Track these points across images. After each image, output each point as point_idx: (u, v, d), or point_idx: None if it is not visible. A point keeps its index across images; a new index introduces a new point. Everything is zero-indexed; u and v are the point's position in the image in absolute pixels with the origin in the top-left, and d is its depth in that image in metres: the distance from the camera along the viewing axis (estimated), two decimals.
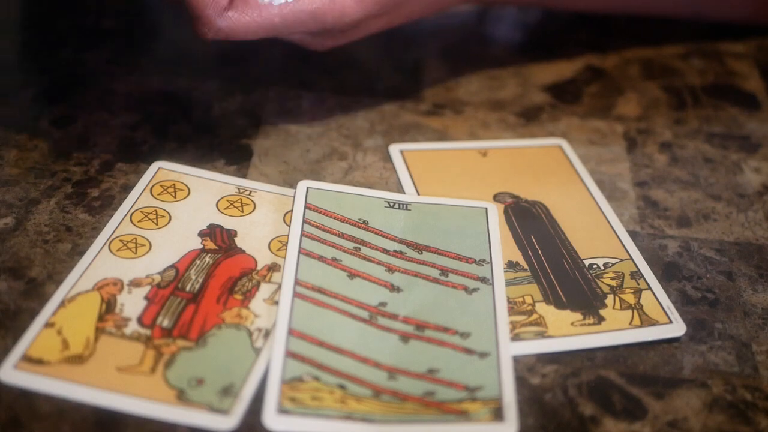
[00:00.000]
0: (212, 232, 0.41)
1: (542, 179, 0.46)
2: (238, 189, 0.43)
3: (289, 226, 0.41)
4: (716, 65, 0.57)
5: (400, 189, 0.45)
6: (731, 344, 0.38)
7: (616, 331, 0.38)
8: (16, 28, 0.55)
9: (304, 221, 0.41)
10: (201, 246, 0.40)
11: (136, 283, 0.38)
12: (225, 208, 0.42)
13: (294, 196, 0.43)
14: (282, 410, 0.33)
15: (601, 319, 0.38)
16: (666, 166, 0.48)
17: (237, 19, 0.41)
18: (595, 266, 0.41)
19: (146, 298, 0.37)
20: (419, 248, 0.41)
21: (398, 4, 0.44)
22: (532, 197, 0.45)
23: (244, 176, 0.44)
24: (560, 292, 0.39)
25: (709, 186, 0.47)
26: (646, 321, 0.38)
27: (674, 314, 0.39)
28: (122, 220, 0.41)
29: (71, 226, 0.41)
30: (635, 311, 0.39)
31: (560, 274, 0.40)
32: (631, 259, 0.41)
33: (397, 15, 0.46)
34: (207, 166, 0.45)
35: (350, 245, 0.40)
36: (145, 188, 0.43)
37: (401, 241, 0.41)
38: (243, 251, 0.40)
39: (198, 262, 0.39)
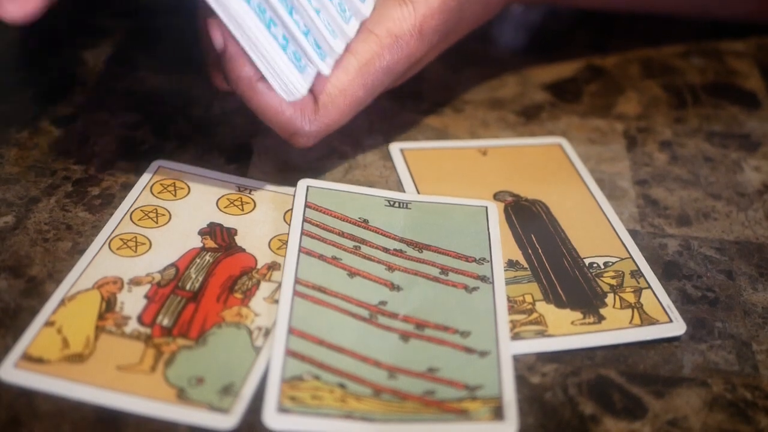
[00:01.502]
0: (212, 230, 0.41)
1: (542, 178, 0.46)
2: (238, 187, 0.43)
3: (289, 224, 0.41)
4: (716, 64, 0.57)
5: (400, 188, 0.45)
6: (731, 343, 0.38)
7: (616, 330, 0.38)
8: (16, 27, 0.55)
9: (305, 220, 0.41)
10: (201, 244, 0.40)
11: (136, 282, 0.38)
12: (225, 207, 0.42)
13: (294, 195, 0.43)
14: (282, 409, 0.33)
15: (601, 318, 0.38)
16: (666, 165, 0.48)
17: (328, 115, 0.41)
18: (595, 265, 0.41)
19: (146, 296, 0.37)
20: (419, 247, 0.41)
21: (453, 30, 0.45)
22: (532, 196, 0.44)
23: (244, 175, 0.44)
24: (560, 291, 0.39)
25: (709, 185, 0.47)
26: (646, 320, 0.38)
27: (674, 313, 0.39)
28: (122, 218, 0.41)
29: (71, 225, 0.41)
30: (635, 310, 0.39)
31: (560, 273, 0.40)
32: (631, 258, 0.41)
33: (451, 38, 0.46)
34: (207, 164, 0.45)
35: (350, 244, 0.40)
36: (145, 187, 0.43)
37: (401, 240, 0.41)
38: (243, 250, 0.40)
39: (198, 260, 0.39)
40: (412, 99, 0.51)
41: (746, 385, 0.37)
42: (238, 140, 0.47)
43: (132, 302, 0.37)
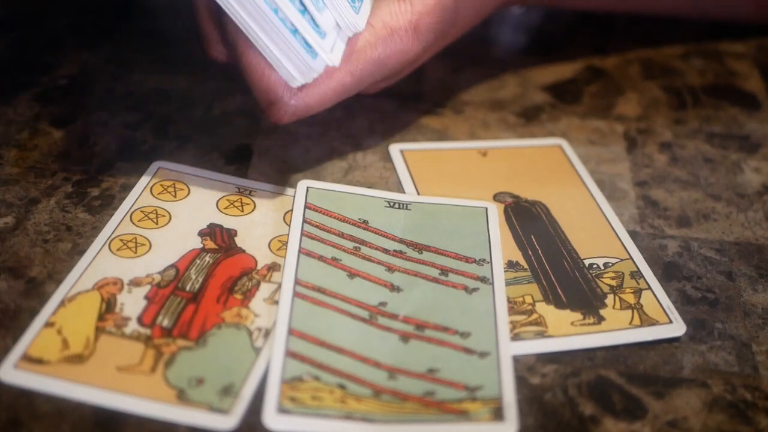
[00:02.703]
0: (212, 231, 0.41)
1: (542, 179, 0.46)
2: (238, 188, 0.43)
3: (289, 225, 0.41)
4: (716, 65, 0.57)
5: (400, 189, 0.45)
6: (731, 344, 0.38)
7: (616, 330, 0.38)
8: (16, 27, 0.55)
9: (304, 221, 0.41)
10: (201, 245, 0.40)
11: (136, 283, 0.38)
12: (225, 208, 0.42)
13: (294, 196, 0.43)
14: (282, 410, 0.33)
15: (601, 319, 0.38)
16: (666, 166, 0.48)
17: (311, 94, 0.40)
18: (595, 266, 0.41)
19: (146, 297, 0.37)
20: (419, 248, 0.41)
21: (448, 30, 0.45)
22: (532, 197, 0.45)
23: (244, 176, 0.44)
24: (560, 292, 0.39)
25: (709, 186, 0.47)
26: (646, 321, 0.38)
27: (674, 314, 0.39)
28: (122, 219, 0.41)
29: (71, 226, 0.41)
30: (635, 311, 0.39)
31: (560, 273, 0.40)
32: (631, 258, 0.41)
33: (447, 39, 0.46)
34: (207, 165, 0.45)
35: (350, 245, 0.40)
36: (145, 188, 0.43)
37: (401, 241, 0.41)
38: (243, 251, 0.40)
39: (198, 261, 0.39)
40: (413, 100, 0.51)
41: (746, 386, 0.36)
42: (238, 141, 0.47)
43: (132, 303, 0.37)
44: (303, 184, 0.43)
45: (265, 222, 0.42)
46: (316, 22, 0.39)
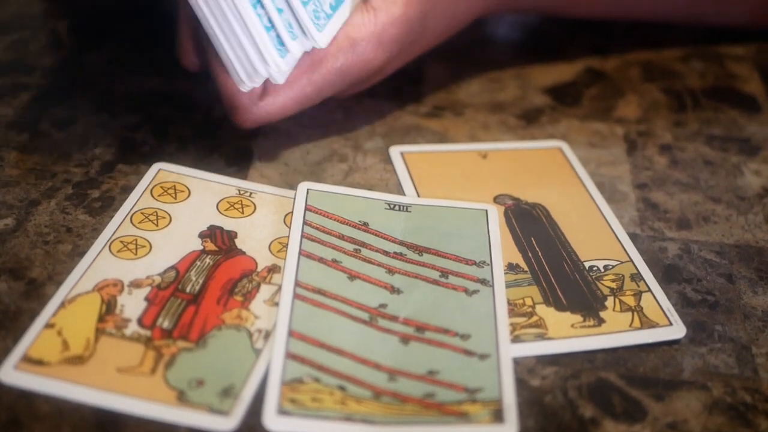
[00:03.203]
0: (212, 233, 0.41)
1: (542, 181, 0.46)
2: (239, 190, 0.43)
3: (290, 227, 0.41)
4: (716, 68, 0.57)
5: (400, 191, 0.45)
6: (731, 346, 0.38)
7: (616, 333, 0.38)
8: (16, 28, 0.55)
9: (305, 223, 0.41)
10: (201, 247, 0.40)
11: (136, 284, 0.38)
12: (225, 210, 0.42)
13: (294, 198, 0.43)
14: (282, 411, 0.33)
15: (601, 321, 0.38)
16: (666, 169, 0.48)
17: (272, 103, 0.42)
18: (595, 268, 0.41)
19: (146, 299, 0.37)
20: (419, 250, 0.41)
21: (415, 40, 0.45)
22: (532, 199, 0.45)
23: (245, 178, 0.44)
24: (560, 294, 0.39)
25: (709, 188, 0.47)
26: (646, 323, 0.38)
27: (674, 316, 0.39)
28: (123, 221, 0.41)
29: (71, 227, 0.41)
30: (635, 313, 0.39)
31: (560, 276, 0.40)
32: (631, 261, 0.41)
33: (414, 50, 0.46)
34: (207, 167, 0.45)
35: (350, 247, 0.40)
36: (145, 189, 0.43)
37: (401, 243, 0.41)
38: (243, 253, 0.40)
39: (198, 263, 0.39)
40: (413, 102, 0.51)
41: (746, 389, 0.36)
42: (239, 143, 0.47)
43: (132, 304, 0.37)
44: (303, 186, 0.43)
45: (265, 224, 0.42)
46: (279, 34, 0.40)
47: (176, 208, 0.42)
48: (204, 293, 0.38)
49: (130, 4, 0.58)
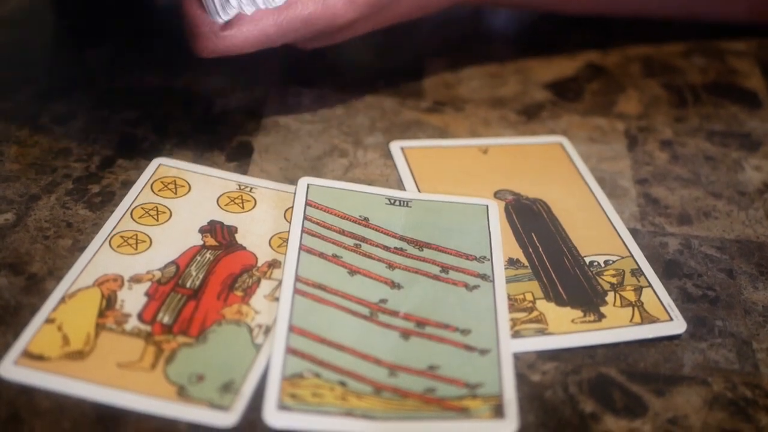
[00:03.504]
0: (213, 228, 0.41)
1: (543, 177, 0.46)
2: (239, 185, 0.43)
3: (290, 222, 0.41)
4: (717, 63, 0.57)
5: (400, 186, 0.45)
6: (732, 342, 0.38)
7: (616, 328, 0.38)
8: (17, 24, 0.55)
9: (305, 218, 0.41)
10: (201, 242, 0.40)
11: (136, 279, 0.38)
12: (226, 205, 0.42)
13: (295, 193, 0.43)
14: (282, 406, 0.33)
15: (601, 317, 0.38)
16: (667, 164, 0.48)
17: (233, 35, 0.41)
18: (595, 263, 0.41)
19: (147, 294, 0.37)
20: (420, 245, 0.41)
21: (387, 5, 0.45)
22: (532, 194, 0.44)
23: (245, 173, 0.44)
24: (561, 290, 0.39)
25: (709, 184, 0.47)
26: (647, 318, 0.38)
27: (675, 312, 0.39)
28: (123, 216, 0.41)
29: (72, 222, 0.41)
30: (636, 308, 0.39)
31: (561, 271, 0.40)
32: (632, 256, 0.41)
33: (386, 16, 0.46)
34: (208, 162, 0.45)
35: (351, 242, 0.40)
36: (145, 184, 0.43)
37: (402, 238, 0.41)
38: (243, 248, 0.40)
39: (198, 258, 0.39)
40: (413, 97, 0.51)
41: (746, 384, 0.36)
42: (239, 138, 0.47)
43: (132, 300, 0.37)
44: (304, 181, 0.43)
45: (265, 219, 0.42)
46: None
47: (176, 203, 0.42)
48: (204, 288, 0.38)
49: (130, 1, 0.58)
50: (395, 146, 0.47)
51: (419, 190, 0.44)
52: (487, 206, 0.43)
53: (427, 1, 0.48)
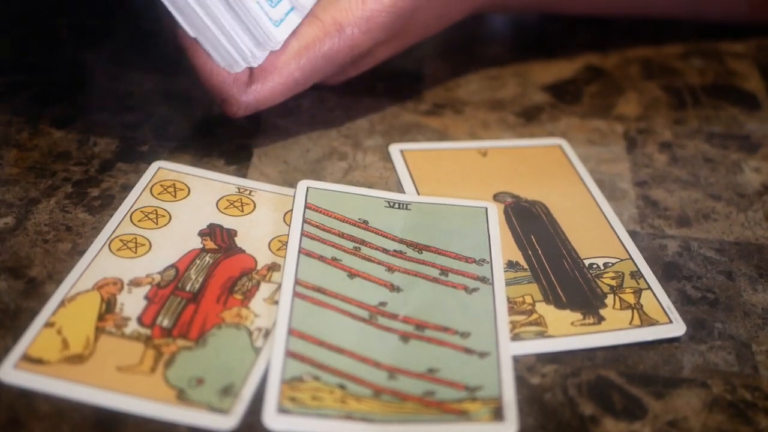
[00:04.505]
0: (212, 231, 0.41)
1: (542, 179, 0.46)
2: (238, 189, 0.43)
3: (289, 225, 0.41)
4: (716, 65, 0.57)
5: (400, 189, 0.45)
6: (731, 344, 0.38)
7: (616, 330, 0.38)
8: (16, 27, 0.55)
9: (304, 221, 0.41)
10: (201, 245, 0.40)
11: (136, 283, 0.38)
12: (225, 208, 0.42)
13: (294, 196, 0.43)
14: (282, 410, 0.33)
15: (601, 319, 0.38)
16: (666, 166, 0.48)
17: (261, 89, 0.42)
18: (595, 266, 0.41)
19: (146, 297, 0.37)
20: (419, 248, 0.41)
21: (403, 30, 0.45)
22: (532, 197, 0.45)
23: (244, 176, 0.44)
24: (560, 292, 0.39)
25: (709, 186, 0.47)
26: (646, 321, 0.38)
27: (674, 314, 0.39)
28: (122, 219, 0.41)
29: (71, 226, 0.41)
30: (635, 311, 0.39)
31: (560, 273, 0.40)
32: (631, 258, 0.41)
33: (404, 39, 0.47)
34: (207, 165, 0.45)
35: (350, 245, 0.40)
36: (145, 188, 0.43)
37: (401, 241, 0.41)
38: (243, 251, 0.40)
39: (198, 261, 0.39)
40: (412, 100, 0.51)
41: (746, 386, 0.36)
42: (238, 141, 0.47)
43: (132, 303, 0.37)
44: (303, 184, 0.43)
45: (265, 222, 0.42)
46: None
47: (176, 206, 0.42)
48: (204, 292, 0.38)
49: (129, 2, 0.58)
50: (394, 149, 0.47)
51: (418, 193, 0.44)
52: (487, 209, 0.43)
53: (440, 20, 0.48)
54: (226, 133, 0.47)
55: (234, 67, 0.41)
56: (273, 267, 0.39)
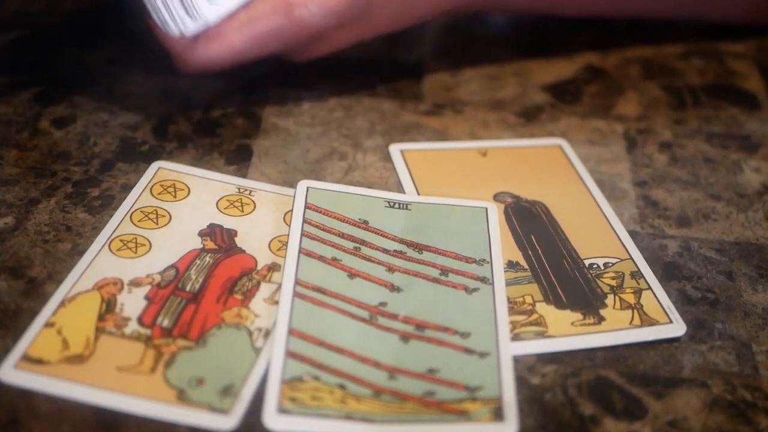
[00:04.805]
0: (212, 231, 0.41)
1: (542, 179, 0.46)
2: (239, 189, 0.43)
3: (289, 225, 0.41)
4: (716, 65, 0.57)
5: (400, 189, 0.45)
6: (731, 344, 0.38)
7: (616, 330, 0.38)
8: (16, 27, 0.55)
9: (304, 221, 0.41)
10: (201, 246, 0.40)
11: (136, 283, 0.38)
12: (225, 208, 0.42)
13: (294, 196, 0.43)
14: (282, 410, 0.33)
15: (601, 319, 0.38)
16: (666, 166, 0.48)
17: (204, 51, 0.44)
18: (595, 266, 0.41)
19: (146, 297, 0.37)
20: (419, 248, 0.41)
21: (362, 16, 0.45)
22: (532, 197, 0.45)
23: (245, 176, 0.44)
24: (560, 292, 0.39)
25: (709, 186, 0.47)
26: (646, 321, 0.38)
27: (674, 314, 0.39)
28: (122, 219, 0.41)
29: (71, 226, 0.41)
30: (635, 311, 0.39)
31: (560, 273, 0.40)
32: (631, 258, 0.41)
33: (367, 27, 0.47)
34: (207, 165, 0.45)
35: (350, 245, 0.40)
36: (145, 188, 0.43)
37: (401, 241, 0.41)
38: (243, 251, 0.40)
39: (198, 261, 0.39)
40: (412, 100, 0.51)
41: (746, 386, 0.36)
42: (238, 141, 0.47)
43: (132, 303, 0.37)
44: (303, 184, 0.43)
45: (265, 222, 0.42)
46: None
47: (176, 206, 0.42)
48: (204, 292, 0.38)
49: (129, 2, 0.58)
50: (394, 149, 0.47)
51: (419, 193, 0.44)
52: (487, 209, 0.43)
53: (406, 14, 0.48)
54: (226, 133, 0.47)
55: (170, 31, 0.43)
56: (273, 267, 0.39)
